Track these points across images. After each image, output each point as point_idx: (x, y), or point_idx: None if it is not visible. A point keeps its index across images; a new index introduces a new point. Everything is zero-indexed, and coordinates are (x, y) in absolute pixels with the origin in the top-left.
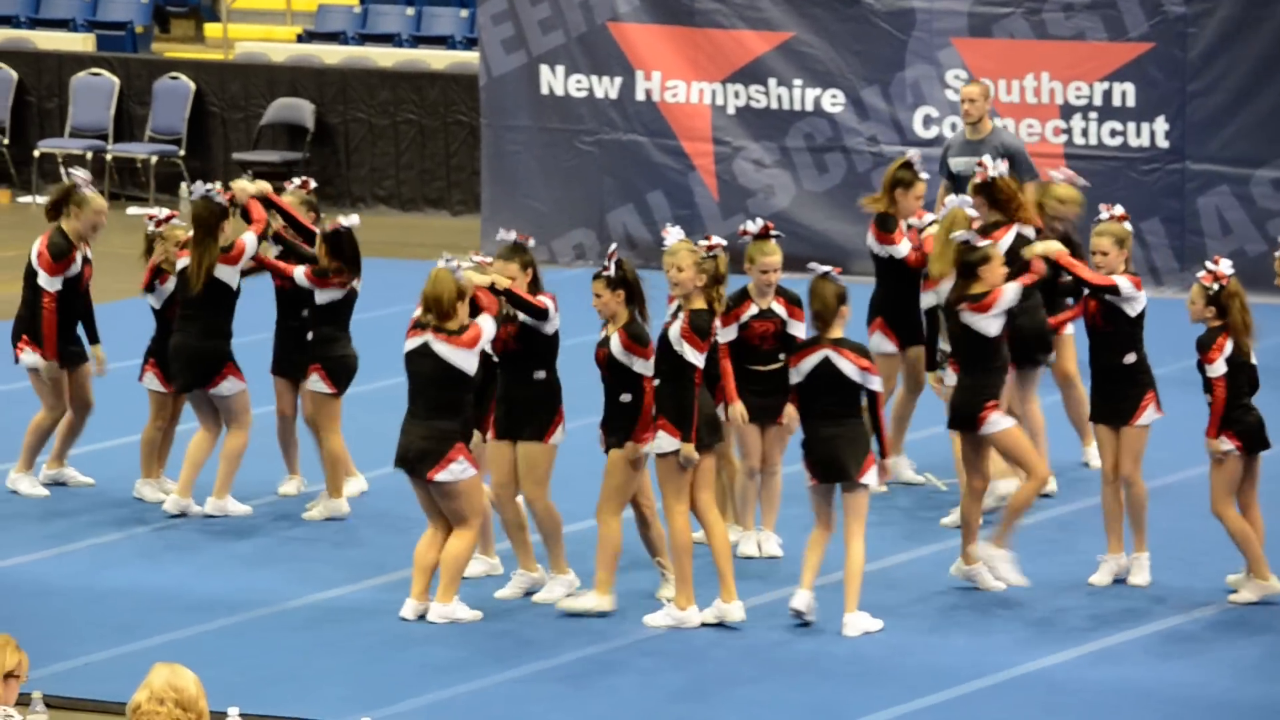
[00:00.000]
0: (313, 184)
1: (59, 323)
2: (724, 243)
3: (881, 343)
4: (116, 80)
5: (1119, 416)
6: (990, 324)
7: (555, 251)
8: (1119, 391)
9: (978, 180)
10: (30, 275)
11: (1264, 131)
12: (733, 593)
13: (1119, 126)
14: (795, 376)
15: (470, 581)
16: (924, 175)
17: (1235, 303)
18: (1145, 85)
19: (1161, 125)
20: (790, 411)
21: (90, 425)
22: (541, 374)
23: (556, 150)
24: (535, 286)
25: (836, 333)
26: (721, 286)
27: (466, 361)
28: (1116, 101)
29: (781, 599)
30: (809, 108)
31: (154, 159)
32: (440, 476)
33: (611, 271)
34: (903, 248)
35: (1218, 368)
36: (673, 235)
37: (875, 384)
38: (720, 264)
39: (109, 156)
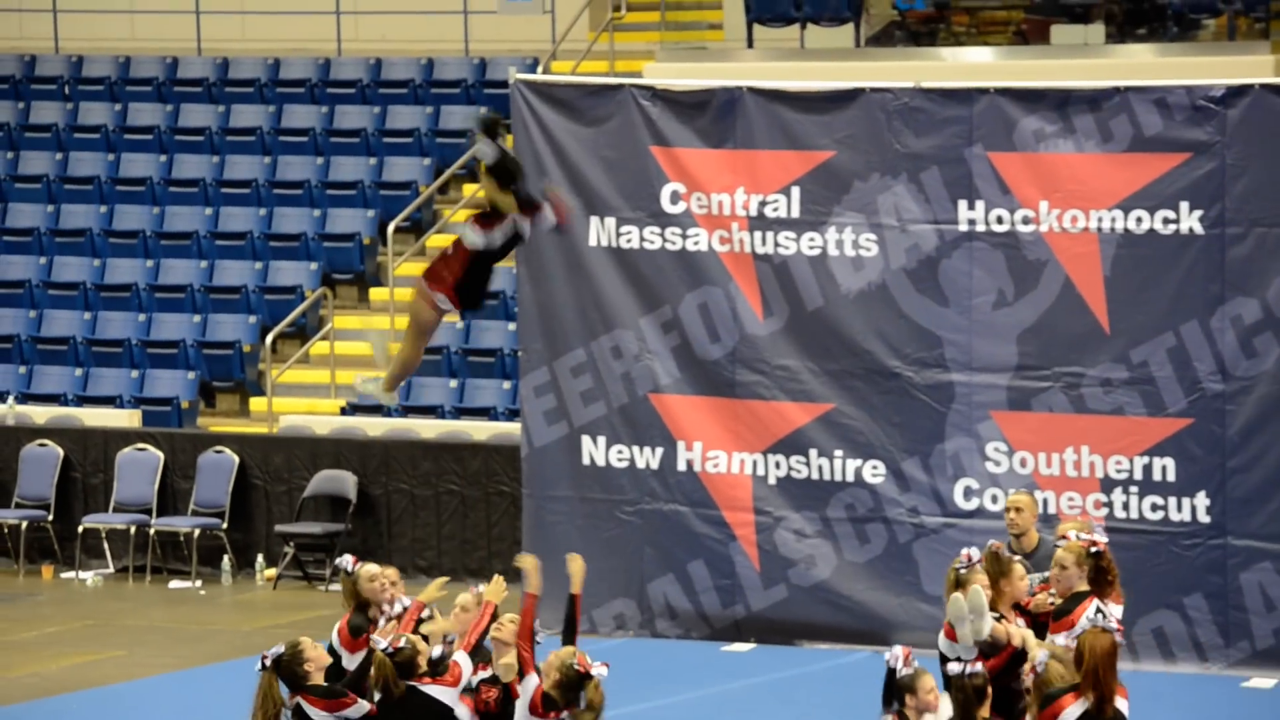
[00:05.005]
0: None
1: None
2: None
3: None
4: (161, 455)
5: None
6: None
7: (596, 621)
8: None
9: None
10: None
11: None
12: None
13: (1160, 501)
14: None
15: None
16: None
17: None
18: (1185, 460)
19: (1203, 500)
20: None
21: None
22: None
23: (597, 520)
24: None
25: None
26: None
27: (452, 701)
28: (1157, 476)
29: None
30: (850, 478)
31: (196, 532)
32: None
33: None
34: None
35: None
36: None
37: None
38: (594, 692)
39: (152, 531)
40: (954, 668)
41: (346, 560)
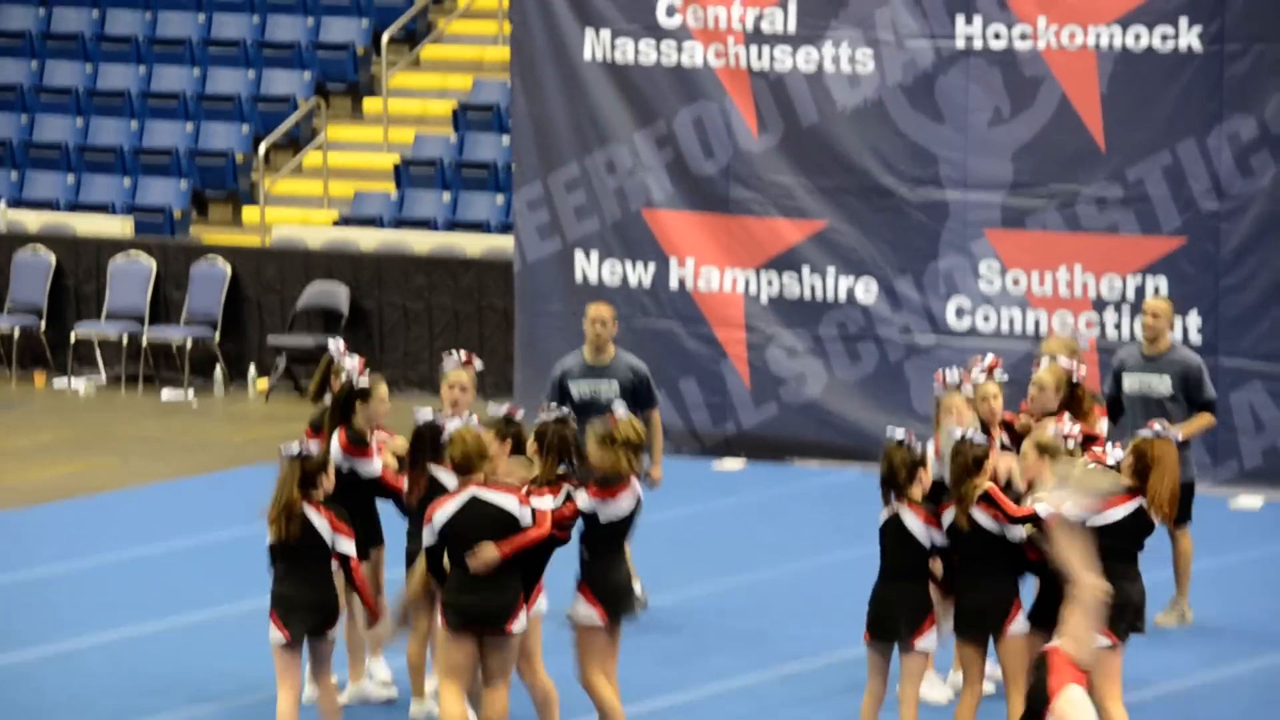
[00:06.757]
0: (478, 363)
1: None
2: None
3: None
4: (153, 264)
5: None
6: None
7: None
8: None
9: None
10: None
11: None
12: None
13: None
14: None
15: None
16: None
17: None
18: (1178, 280)
19: (1194, 320)
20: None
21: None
22: None
23: None
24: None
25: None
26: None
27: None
28: (1149, 295)
29: None
30: (842, 296)
31: (188, 342)
32: (515, 628)
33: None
34: None
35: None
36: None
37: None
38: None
39: (144, 340)
40: (955, 433)
41: (338, 345)
